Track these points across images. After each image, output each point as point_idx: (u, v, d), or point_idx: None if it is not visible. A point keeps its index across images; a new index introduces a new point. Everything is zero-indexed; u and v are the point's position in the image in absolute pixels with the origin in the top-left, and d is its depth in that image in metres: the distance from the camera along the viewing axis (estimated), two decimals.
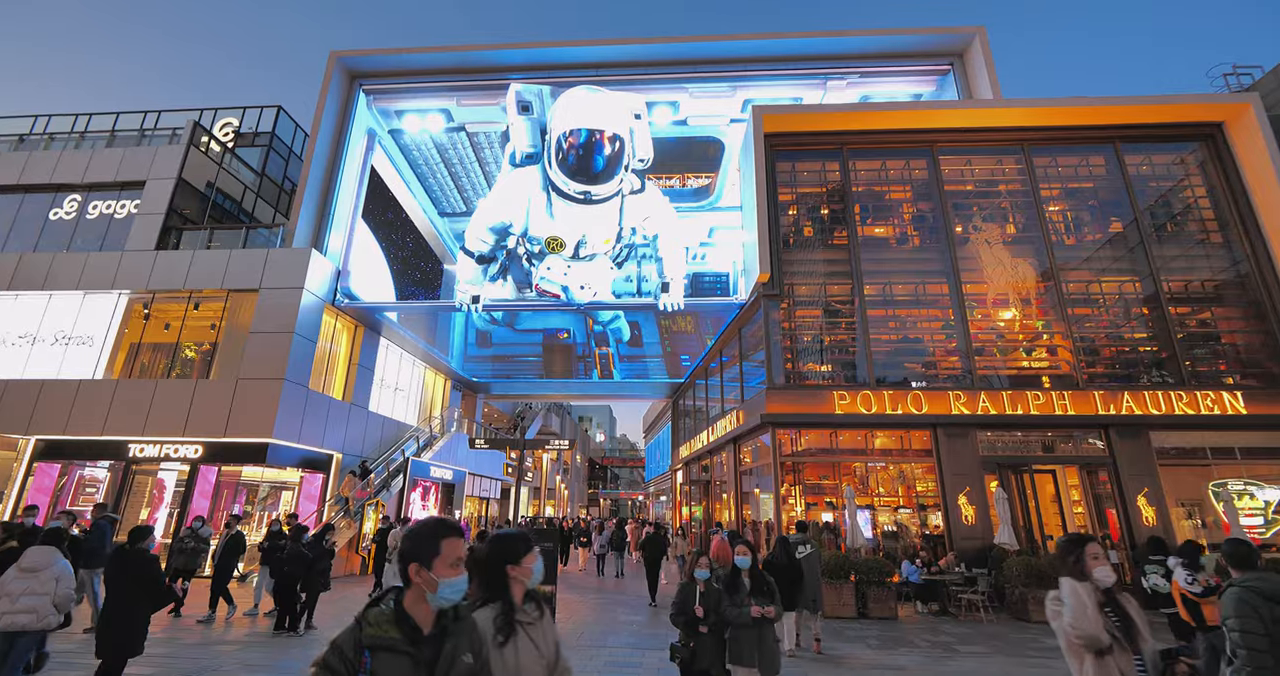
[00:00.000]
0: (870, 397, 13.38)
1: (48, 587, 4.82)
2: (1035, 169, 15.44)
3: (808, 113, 15.56)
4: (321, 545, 8.63)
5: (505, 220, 16.64)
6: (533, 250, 16.19)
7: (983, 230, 15.12)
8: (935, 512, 13.38)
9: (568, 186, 16.67)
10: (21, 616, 4.69)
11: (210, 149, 18.50)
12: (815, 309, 15.12)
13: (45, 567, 4.90)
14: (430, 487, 19.39)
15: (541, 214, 16.36)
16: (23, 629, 4.69)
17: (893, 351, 14.52)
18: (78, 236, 16.90)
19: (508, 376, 25.94)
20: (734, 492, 16.31)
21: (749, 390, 15.98)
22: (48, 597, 4.81)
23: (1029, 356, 14.51)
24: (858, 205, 15.54)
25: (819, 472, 14.38)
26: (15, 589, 4.78)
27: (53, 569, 4.92)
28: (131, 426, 14.41)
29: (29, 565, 4.90)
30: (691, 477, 21.83)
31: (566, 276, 15.63)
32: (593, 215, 16.67)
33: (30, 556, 4.96)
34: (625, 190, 16.93)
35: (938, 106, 15.61)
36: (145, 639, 5.08)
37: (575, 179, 16.74)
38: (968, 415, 13.23)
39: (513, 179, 17.03)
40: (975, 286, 14.65)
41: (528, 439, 9.54)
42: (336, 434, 16.86)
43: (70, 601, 4.96)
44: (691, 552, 4.04)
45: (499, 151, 18.12)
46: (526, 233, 16.33)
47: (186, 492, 14.36)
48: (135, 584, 5.01)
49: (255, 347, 14.86)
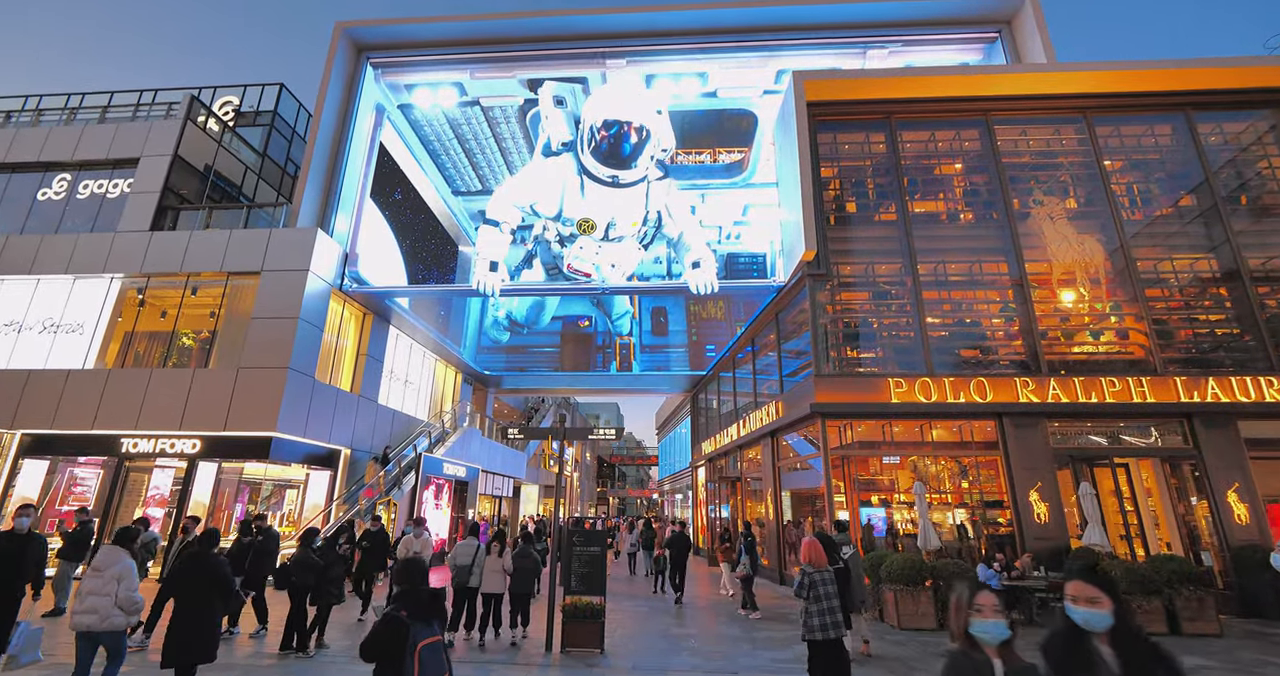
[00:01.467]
0: (929, 385, 12.25)
1: (110, 587, 4.72)
2: (1098, 138, 14.28)
3: (852, 79, 14.38)
4: (335, 551, 7.51)
5: (535, 200, 16.05)
6: (564, 233, 15.66)
7: (1044, 204, 13.95)
8: (999, 510, 12.25)
9: (599, 170, 16.33)
10: (85, 617, 4.61)
11: (209, 127, 17.38)
12: (862, 291, 13.99)
13: (109, 567, 4.80)
14: (444, 485, 18.29)
15: (575, 197, 16.24)
16: (87, 629, 4.60)
17: (946, 336, 13.37)
18: (67, 218, 15.81)
19: (521, 369, 24.84)
20: (773, 489, 15.17)
21: (789, 380, 14.84)
22: (109, 598, 4.69)
23: (1097, 340, 13.34)
24: (905, 179, 14.37)
25: (870, 467, 13.25)
26: (85, 587, 4.75)
27: (115, 568, 4.81)
28: (124, 419, 13.33)
29: (97, 564, 4.84)
30: (720, 474, 20.69)
31: (598, 256, 14.93)
32: (621, 199, 16.02)
33: (100, 555, 4.90)
34: (650, 176, 16.14)
35: (992, 71, 14.43)
36: (217, 645, 4.75)
37: (606, 164, 16.29)
38: (1036, 403, 12.09)
39: (547, 164, 16.54)
40: (1037, 264, 13.50)
41: (572, 428, 8.44)
42: (344, 427, 15.76)
43: (134, 604, 4.82)
44: (955, 596, 2.31)
45: (515, 127, 17.01)
46: (560, 215, 15.76)
47: (183, 491, 13.26)
48: (209, 587, 4.76)
49: (257, 334, 13.75)
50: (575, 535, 7.54)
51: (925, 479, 12.55)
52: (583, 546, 7.38)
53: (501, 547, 8.08)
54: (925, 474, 12.70)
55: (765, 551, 16.65)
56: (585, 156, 16.35)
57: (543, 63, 17.20)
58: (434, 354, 21.89)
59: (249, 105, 19.82)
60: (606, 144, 16.49)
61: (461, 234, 16.51)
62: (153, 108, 17.14)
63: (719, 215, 15.86)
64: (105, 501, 13.46)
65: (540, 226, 15.90)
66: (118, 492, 13.61)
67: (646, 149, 16.42)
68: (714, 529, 19.30)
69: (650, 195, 16.04)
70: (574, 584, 7.37)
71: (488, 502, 23.72)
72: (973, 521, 12.45)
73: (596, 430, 8.20)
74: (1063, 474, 12.01)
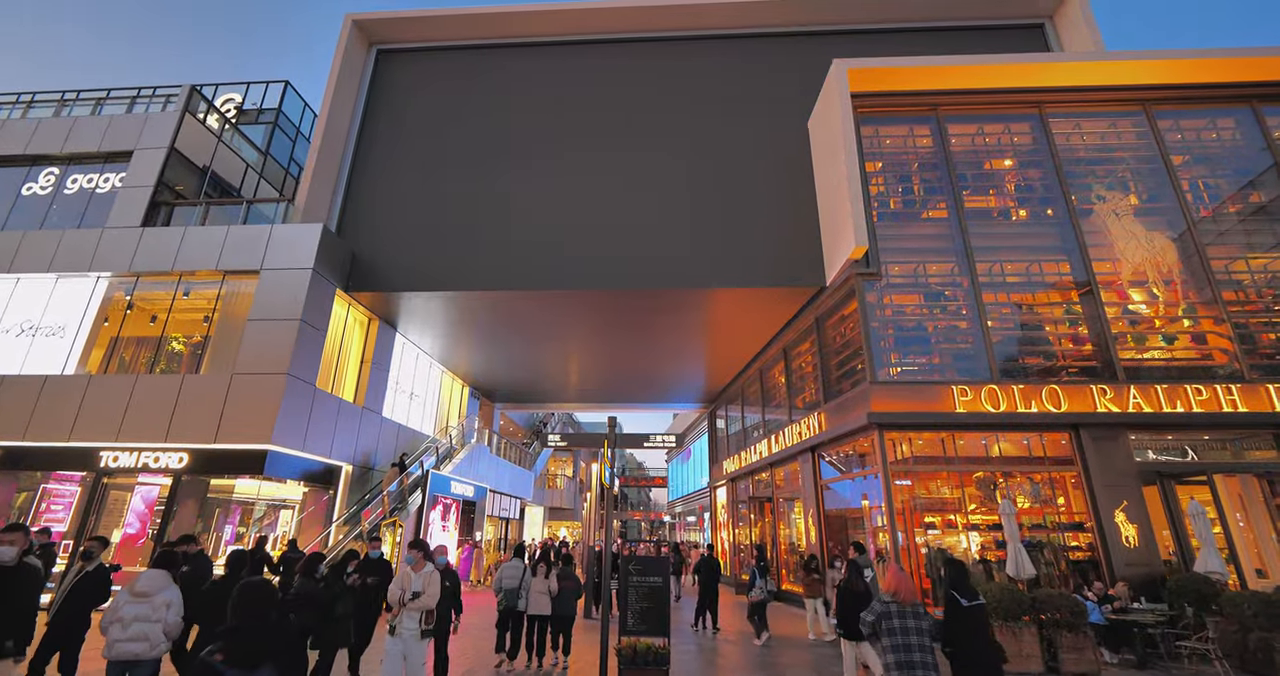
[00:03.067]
0: (997, 393, 11.10)
1: (159, 614, 4.60)
2: (1161, 131, 13.38)
3: (898, 69, 13.49)
4: (343, 581, 6.23)
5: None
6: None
7: (1107, 200, 12.97)
8: (1077, 532, 11.00)
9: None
10: (133, 645, 4.44)
11: (209, 123, 16.42)
12: (912, 292, 12.92)
13: (157, 592, 4.67)
14: (451, 505, 16.94)
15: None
16: (135, 657, 4.44)
17: (1006, 340, 12.26)
18: (53, 214, 14.72)
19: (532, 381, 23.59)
20: (814, 510, 13.87)
21: (833, 390, 13.67)
22: (159, 625, 4.59)
23: (1171, 345, 12.23)
24: (954, 174, 13.41)
25: (928, 485, 12.01)
26: (128, 614, 4.54)
27: (164, 594, 4.71)
28: (104, 431, 12.06)
29: (142, 589, 4.67)
30: (749, 494, 19.34)
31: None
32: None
33: (143, 580, 4.73)
34: None
35: (1046, 59, 13.56)
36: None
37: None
38: (1117, 413, 10.94)
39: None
40: (1104, 264, 12.46)
41: (625, 435, 7.22)
42: (346, 441, 14.47)
43: (178, 629, 4.71)
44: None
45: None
46: None
47: (167, 511, 11.92)
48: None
49: (254, 337, 12.56)
50: (632, 563, 6.29)
51: (992, 494, 11.31)
52: (641, 576, 6.13)
53: (549, 568, 8.01)
54: (991, 491, 11.45)
55: (795, 576, 15.32)
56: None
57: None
58: (441, 364, 20.68)
59: (252, 103, 18.92)
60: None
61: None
62: (151, 100, 16.18)
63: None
64: (79, 522, 12.11)
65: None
66: (94, 512, 12.26)
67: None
68: (749, 552, 17.90)
69: None
70: (631, 622, 6.10)
71: (494, 524, 22.26)
72: (1049, 546, 11.16)
73: (653, 436, 7.01)
74: (1148, 491, 10.80)
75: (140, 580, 4.73)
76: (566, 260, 14.14)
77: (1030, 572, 8.62)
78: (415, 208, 14.95)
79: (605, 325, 16.53)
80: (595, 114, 15.85)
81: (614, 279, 13.94)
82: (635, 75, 16.29)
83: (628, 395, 26.32)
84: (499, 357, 20.04)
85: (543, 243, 14.32)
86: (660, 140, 15.30)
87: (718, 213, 14.42)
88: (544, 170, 15.16)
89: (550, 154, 15.36)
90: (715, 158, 14.99)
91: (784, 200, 14.41)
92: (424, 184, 15.20)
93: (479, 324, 16.50)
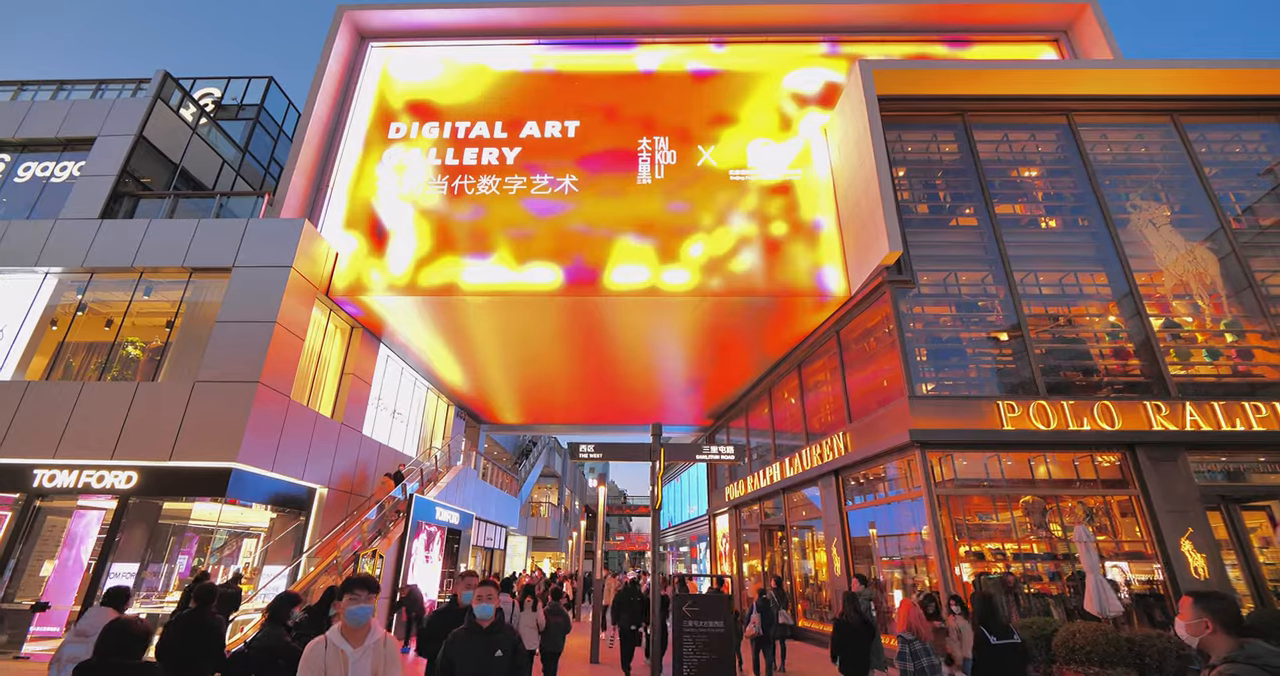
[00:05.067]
0: (1045, 409, 10.23)
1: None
2: (1191, 142, 12.99)
3: (925, 71, 12.97)
4: (316, 626, 4.91)
5: None
6: None
7: (1143, 209, 12.43)
8: (1137, 562, 10.03)
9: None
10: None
11: (183, 115, 15.20)
12: (943, 303, 12.12)
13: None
14: (435, 533, 15.40)
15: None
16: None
17: (1044, 353, 11.44)
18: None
19: (521, 402, 22.22)
20: (839, 538, 12.73)
21: (858, 408, 12.71)
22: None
23: (1215, 360, 11.55)
24: (984, 180, 12.80)
25: (969, 509, 10.99)
26: (67, 655, 4.41)
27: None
28: (40, 445, 10.49)
29: (83, 628, 4.54)
30: (758, 522, 18.08)
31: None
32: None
33: (86, 619, 4.60)
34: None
35: (1076, 66, 13.17)
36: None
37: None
38: (1174, 432, 10.12)
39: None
40: (1143, 275, 11.83)
41: (673, 445, 6.11)
42: (322, 462, 13.00)
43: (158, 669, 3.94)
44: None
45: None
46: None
47: (109, 539, 10.32)
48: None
49: (223, 341, 11.19)
50: (686, 604, 5.08)
51: (1043, 521, 10.33)
52: (699, 619, 4.93)
53: (535, 602, 7.85)
54: (1042, 516, 10.47)
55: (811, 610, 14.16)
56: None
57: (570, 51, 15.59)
58: (425, 381, 19.29)
59: (233, 99, 17.76)
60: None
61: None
62: (123, 87, 14.93)
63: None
64: (4, 552, 10.41)
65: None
66: (23, 539, 10.58)
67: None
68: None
69: None
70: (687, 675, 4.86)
71: (478, 554, 20.61)
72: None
73: (706, 449, 5.88)
74: (1210, 517, 9.92)
75: (83, 619, 4.62)
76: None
77: (1117, 609, 7.58)
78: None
79: (601, 337, 15.40)
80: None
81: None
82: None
83: (618, 417, 25.08)
84: (486, 375, 18.72)
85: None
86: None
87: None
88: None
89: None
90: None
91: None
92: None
93: (469, 336, 15.25)
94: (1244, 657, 2.25)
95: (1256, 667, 2.20)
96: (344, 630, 3.06)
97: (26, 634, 9.88)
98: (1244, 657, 2.25)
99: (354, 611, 3.09)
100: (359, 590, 3.17)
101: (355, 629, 3.09)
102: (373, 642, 3.07)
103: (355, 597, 3.14)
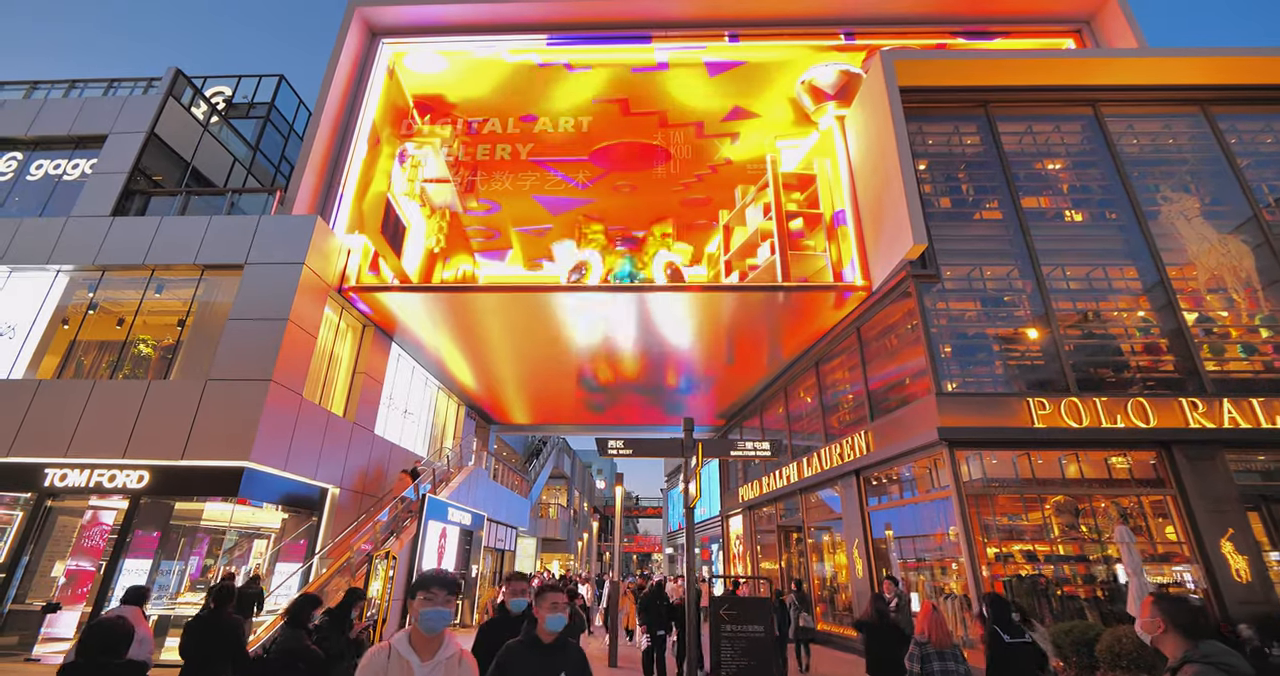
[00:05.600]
0: (1077, 406, 9.92)
1: (132, 651, 3.70)
2: (1221, 132, 12.65)
3: (948, 61, 12.74)
4: (338, 630, 4.69)
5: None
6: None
7: (1174, 201, 12.10)
8: (1170, 564, 9.70)
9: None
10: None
11: (195, 114, 15.09)
12: (968, 298, 11.84)
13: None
14: (448, 534, 15.20)
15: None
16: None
17: (1073, 349, 11.12)
18: (11, 202, 13.19)
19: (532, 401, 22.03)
20: (860, 539, 12.44)
21: (880, 406, 12.43)
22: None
23: (1251, 356, 11.20)
24: (1009, 173, 12.50)
25: (996, 509, 10.68)
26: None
27: (138, 631, 3.88)
28: (52, 444, 10.36)
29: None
30: (775, 523, 17.78)
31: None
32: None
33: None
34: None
35: (1103, 54, 12.89)
36: None
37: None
38: (1211, 429, 9.78)
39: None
40: (1175, 269, 11.50)
41: (713, 441, 5.90)
42: (334, 462, 12.83)
43: (147, 668, 3.81)
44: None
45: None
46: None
47: (120, 539, 10.17)
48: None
49: (235, 339, 11.04)
50: (724, 606, 4.83)
51: (1075, 521, 10.01)
52: (737, 624, 4.68)
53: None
54: (1074, 517, 10.15)
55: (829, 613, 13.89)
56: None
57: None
58: (436, 380, 19.12)
59: (244, 97, 17.68)
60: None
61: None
62: (134, 85, 14.85)
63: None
64: (15, 553, 10.29)
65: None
66: (34, 539, 10.45)
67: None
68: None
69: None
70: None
71: (489, 556, 20.41)
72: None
73: (741, 443, 5.65)
74: (1253, 516, 9.58)
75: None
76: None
77: None
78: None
79: (615, 334, 15.16)
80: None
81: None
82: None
83: (629, 418, 24.87)
84: (497, 373, 18.53)
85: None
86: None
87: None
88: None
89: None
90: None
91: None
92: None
93: (481, 333, 15.05)
94: (1200, 657, 2.34)
95: (1214, 666, 2.30)
96: (413, 637, 2.55)
97: (38, 635, 9.73)
98: (1200, 657, 2.34)
99: (429, 615, 2.54)
100: (436, 589, 2.58)
101: (428, 637, 2.55)
102: (446, 657, 2.54)
103: (431, 598, 2.56)
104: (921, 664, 4.40)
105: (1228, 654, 2.34)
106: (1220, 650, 2.36)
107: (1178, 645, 2.44)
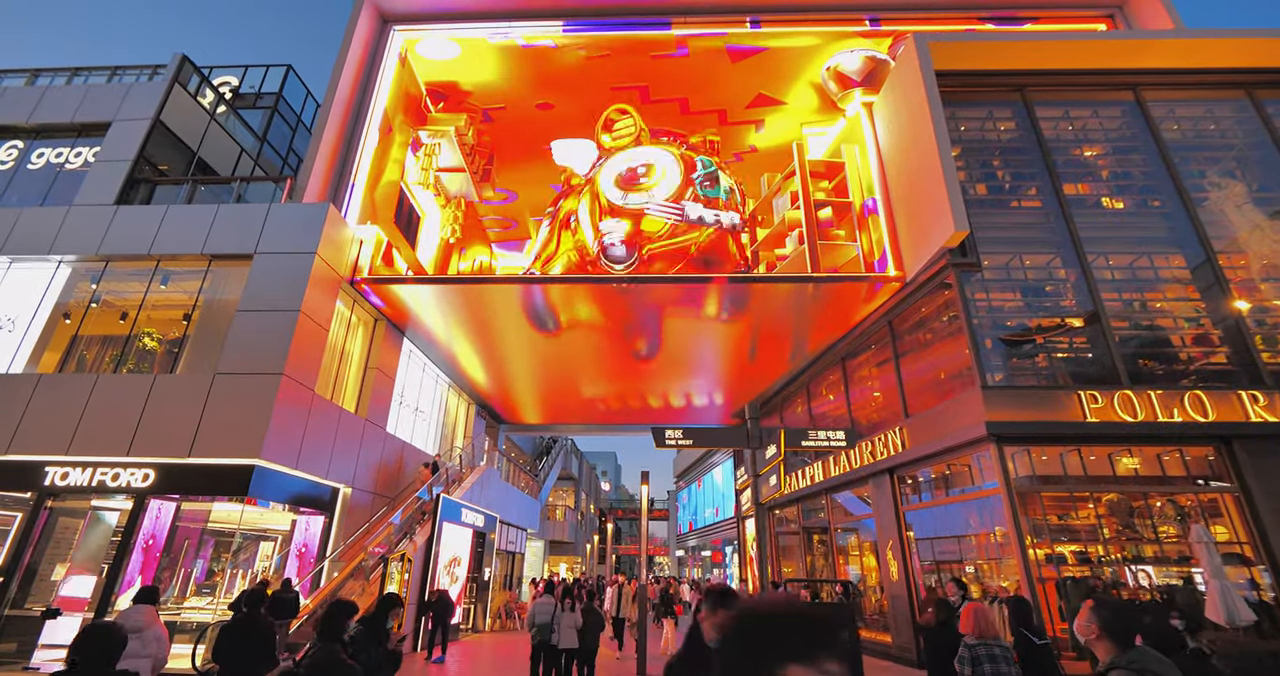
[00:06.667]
0: (1131, 399, 9.42)
1: (150, 649, 4.46)
2: (1269, 117, 12.18)
3: (983, 43, 12.28)
4: (375, 641, 4.19)
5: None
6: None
7: (1222, 187, 11.63)
8: (1235, 568, 9.18)
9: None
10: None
11: (201, 102, 14.65)
12: (1008, 289, 11.35)
13: (147, 627, 4.56)
14: (461, 535, 14.69)
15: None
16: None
17: (1120, 341, 10.62)
18: (12, 192, 12.73)
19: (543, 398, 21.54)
20: (895, 540, 11.93)
21: (915, 402, 11.94)
22: (149, 660, 4.45)
23: None
24: (1049, 159, 12.03)
25: (1049, 509, 10.17)
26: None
27: (153, 629, 4.60)
28: (53, 441, 9.88)
29: (133, 625, 4.43)
30: (798, 524, 17.25)
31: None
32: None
33: (131, 616, 4.63)
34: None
35: (1144, 36, 12.44)
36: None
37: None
38: (1275, 423, 9.28)
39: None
40: (1226, 257, 11.01)
41: (791, 430, 5.37)
42: (346, 460, 12.34)
43: (163, 665, 4.58)
44: None
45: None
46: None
47: (124, 541, 9.67)
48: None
49: (243, 331, 10.56)
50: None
51: (1129, 520, 9.50)
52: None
53: (574, 603, 8.53)
54: (1128, 516, 9.64)
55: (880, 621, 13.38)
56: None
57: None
58: (447, 378, 18.63)
59: (250, 88, 17.24)
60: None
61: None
62: (139, 73, 14.40)
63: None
64: (14, 554, 9.79)
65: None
66: (34, 541, 9.96)
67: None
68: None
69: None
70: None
71: (502, 559, 19.89)
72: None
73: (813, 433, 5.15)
74: None
75: (125, 616, 4.68)
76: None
77: (1249, 617, 6.76)
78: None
79: (635, 328, 14.68)
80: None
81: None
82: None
83: (641, 417, 24.35)
84: (510, 369, 18.04)
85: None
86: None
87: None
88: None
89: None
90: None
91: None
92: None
93: (495, 327, 14.57)
94: (1125, 662, 2.35)
95: (1134, 673, 2.29)
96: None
97: (36, 643, 9.23)
98: (1125, 662, 2.35)
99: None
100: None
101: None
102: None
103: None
104: (973, 666, 4.35)
105: (1156, 662, 2.33)
106: (1149, 657, 2.35)
107: (1107, 650, 2.46)
